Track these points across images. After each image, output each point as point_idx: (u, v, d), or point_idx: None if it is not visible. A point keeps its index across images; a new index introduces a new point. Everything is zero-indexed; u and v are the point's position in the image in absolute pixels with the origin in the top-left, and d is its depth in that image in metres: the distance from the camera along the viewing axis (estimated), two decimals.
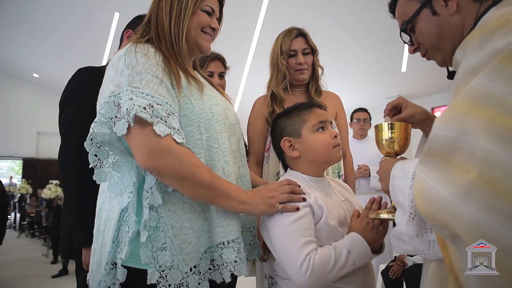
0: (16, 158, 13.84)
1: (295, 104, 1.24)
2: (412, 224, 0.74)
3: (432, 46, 0.93)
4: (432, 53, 0.95)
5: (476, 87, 0.64)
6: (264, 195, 1.02)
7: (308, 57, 1.73)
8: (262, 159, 1.75)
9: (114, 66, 0.95)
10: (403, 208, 0.76)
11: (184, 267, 0.91)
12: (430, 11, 0.88)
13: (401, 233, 0.77)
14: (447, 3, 0.85)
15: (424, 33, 0.92)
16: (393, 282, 2.71)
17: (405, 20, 0.94)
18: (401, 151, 1.00)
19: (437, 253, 0.71)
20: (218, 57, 1.86)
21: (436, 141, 0.67)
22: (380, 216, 1.00)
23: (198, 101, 1.00)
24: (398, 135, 0.99)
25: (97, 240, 1.02)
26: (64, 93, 1.51)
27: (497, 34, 0.65)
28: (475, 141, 0.60)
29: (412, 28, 0.94)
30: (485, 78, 0.63)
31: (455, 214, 0.60)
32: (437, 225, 0.65)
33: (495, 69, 0.63)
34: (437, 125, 0.68)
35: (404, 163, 0.81)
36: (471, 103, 0.64)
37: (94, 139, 0.91)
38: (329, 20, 6.13)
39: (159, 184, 0.92)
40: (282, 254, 1.00)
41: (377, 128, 1.02)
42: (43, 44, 9.69)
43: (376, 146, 1.04)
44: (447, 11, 0.86)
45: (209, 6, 1.10)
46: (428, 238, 0.73)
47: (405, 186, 0.75)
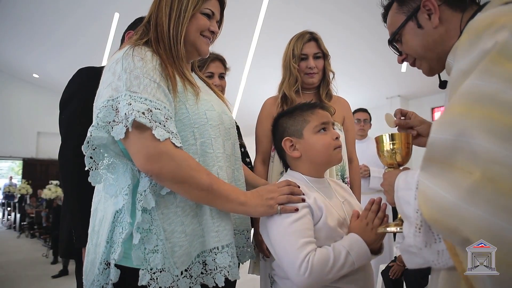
0: (16, 158, 13.87)
1: (298, 104, 1.24)
2: (420, 235, 0.72)
3: (418, 56, 0.97)
4: (420, 63, 0.99)
5: (469, 88, 0.65)
6: (263, 196, 1.02)
7: (319, 61, 1.75)
8: (268, 158, 1.77)
9: (111, 69, 0.95)
10: (410, 219, 0.75)
11: (175, 270, 0.91)
12: (415, 24, 0.93)
13: (409, 245, 0.75)
14: (431, 16, 0.90)
15: (409, 44, 0.96)
16: (393, 282, 2.71)
17: (393, 32, 0.98)
18: (404, 161, 0.99)
19: (447, 262, 0.70)
20: (218, 58, 1.86)
21: (435, 146, 0.67)
22: (388, 229, 0.98)
23: (193, 107, 1.00)
24: (399, 146, 0.98)
25: (91, 240, 1.02)
26: (65, 93, 1.51)
27: (484, 35, 0.67)
28: (474, 141, 0.60)
29: (399, 39, 0.98)
30: (477, 79, 0.64)
31: (462, 218, 0.59)
32: (446, 231, 0.63)
33: (485, 69, 0.63)
34: (434, 129, 0.68)
35: (408, 173, 0.80)
36: (466, 104, 0.64)
37: (90, 142, 0.91)
38: (329, 20, 6.14)
39: (153, 187, 0.93)
40: (281, 255, 1.01)
41: (377, 140, 1.01)
42: (43, 44, 9.71)
43: (378, 157, 1.03)
44: (431, 25, 0.90)
45: (209, 9, 1.09)
46: (437, 248, 0.72)
47: (410, 197, 0.74)
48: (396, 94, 8.65)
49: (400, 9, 0.97)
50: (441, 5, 0.89)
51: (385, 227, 0.99)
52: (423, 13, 0.91)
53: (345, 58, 6.91)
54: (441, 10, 0.89)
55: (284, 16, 6.30)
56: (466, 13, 0.87)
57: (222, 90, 1.85)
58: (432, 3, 0.89)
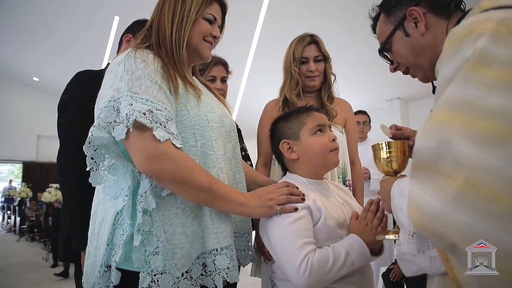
0: (16, 161, 13.86)
1: (294, 108, 1.26)
2: (412, 242, 0.73)
3: (410, 64, 0.98)
4: (414, 71, 1.01)
5: (449, 95, 0.66)
6: (263, 197, 1.02)
7: (319, 64, 1.75)
8: (270, 161, 1.78)
9: (113, 71, 0.95)
10: (404, 226, 0.76)
11: (176, 272, 0.91)
12: (403, 33, 0.95)
13: (404, 253, 0.76)
14: (417, 25, 0.92)
15: (400, 53, 0.98)
16: (394, 285, 2.70)
17: (382, 41, 1.00)
18: (400, 169, 1.00)
19: (439, 267, 0.71)
20: (221, 61, 1.86)
21: (420, 154, 0.68)
22: (386, 237, 0.98)
23: (194, 108, 1.01)
24: (395, 154, 0.99)
25: (91, 243, 1.02)
26: (63, 96, 1.51)
27: (464, 43, 0.68)
28: (456, 148, 0.61)
29: (389, 48, 1.00)
30: (456, 86, 0.65)
31: (448, 224, 0.59)
32: (434, 237, 0.64)
33: (464, 77, 0.65)
34: (419, 138, 0.69)
35: (402, 181, 0.81)
36: (446, 112, 0.65)
37: (91, 142, 0.91)
38: (329, 22, 6.15)
39: (153, 189, 0.93)
40: (281, 255, 1.01)
41: (374, 148, 1.02)
42: (43, 47, 9.72)
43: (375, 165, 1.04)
44: (418, 32, 0.92)
45: (211, 14, 1.10)
46: (430, 254, 0.72)
47: (403, 204, 0.75)
48: (396, 97, 8.64)
49: (388, 19, 0.99)
50: (426, 13, 0.92)
51: (384, 235, 0.99)
52: (410, 21, 0.93)
53: (344, 61, 6.92)
54: (426, 17, 0.92)
55: (284, 18, 6.32)
56: (451, 20, 0.90)
57: (224, 94, 1.86)
58: (417, 11, 0.91)
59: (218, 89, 1.78)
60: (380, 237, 1.01)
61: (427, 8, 0.92)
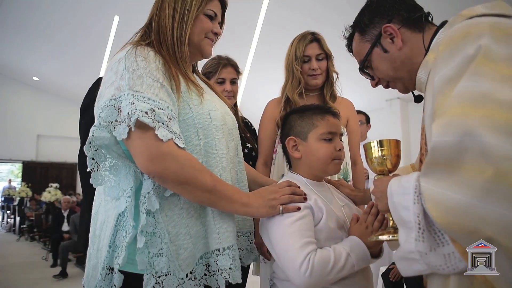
0: (16, 161, 13.84)
1: (312, 105, 1.23)
2: (423, 240, 0.71)
3: (391, 78, 1.01)
4: (394, 84, 1.03)
5: (464, 90, 0.66)
6: (266, 197, 1.01)
7: (322, 63, 1.74)
8: (270, 161, 1.77)
9: (113, 68, 0.93)
10: (409, 224, 0.73)
11: (180, 273, 0.90)
12: (381, 49, 0.98)
13: (410, 252, 0.73)
14: (394, 40, 0.95)
15: (380, 69, 1.01)
16: (394, 285, 2.70)
17: (361, 60, 1.03)
18: (394, 168, 1.00)
19: (457, 265, 0.69)
20: (230, 63, 1.85)
21: (439, 150, 0.66)
22: (380, 237, 0.96)
23: (197, 107, 0.99)
24: (388, 152, 0.98)
25: (93, 245, 1.00)
26: (84, 101, 1.56)
27: (464, 43, 0.71)
28: (481, 139, 0.60)
29: (369, 65, 1.03)
30: (469, 80, 0.66)
31: (481, 217, 0.58)
32: (463, 233, 0.62)
33: (475, 71, 0.66)
34: (436, 133, 0.68)
35: (401, 179, 0.79)
36: (464, 105, 0.65)
37: (92, 142, 0.89)
38: (328, 22, 6.15)
39: (156, 189, 0.91)
40: (282, 254, 1.00)
41: (365, 147, 1.01)
42: (43, 47, 9.71)
43: (368, 165, 1.03)
44: (396, 47, 0.95)
45: (212, 10, 1.09)
46: (443, 252, 0.70)
47: (408, 202, 0.73)
48: (396, 97, 8.64)
49: (363, 38, 1.01)
50: (400, 28, 0.95)
51: (378, 235, 0.97)
52: (386, 38, 0.96)
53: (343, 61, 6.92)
54: (401, 32, 0.95)
55: (283, 18, 6.32)
56: (426, 32, 0.93)
57: (234, 95, 1.84)
58: (392, 28, 0.94)
59: (227, 91, 1.78)
60: (372, 238, 0.99)
61: (400, 24, 0.95)
